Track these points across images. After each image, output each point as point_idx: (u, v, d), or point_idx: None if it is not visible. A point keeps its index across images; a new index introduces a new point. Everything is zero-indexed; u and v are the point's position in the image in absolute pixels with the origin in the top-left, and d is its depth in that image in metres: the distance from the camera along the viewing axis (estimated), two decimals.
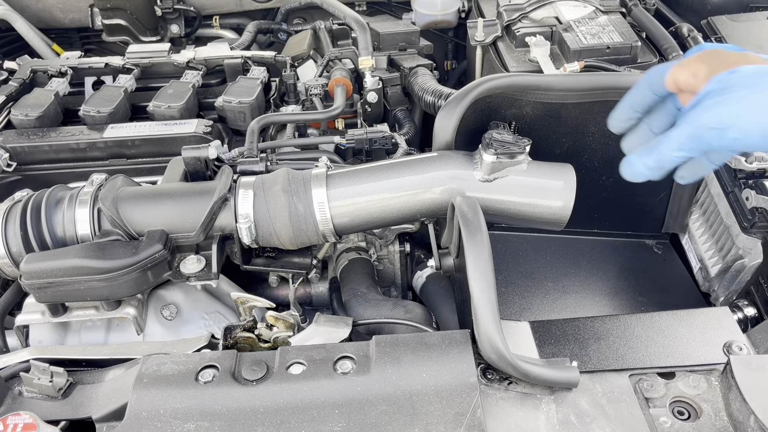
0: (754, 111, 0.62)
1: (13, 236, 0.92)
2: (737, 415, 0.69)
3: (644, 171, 0.70)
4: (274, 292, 1.19)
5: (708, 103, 0.64)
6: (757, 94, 0.63)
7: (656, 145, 0.68)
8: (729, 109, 0.63)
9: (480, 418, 0.68)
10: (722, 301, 1.11)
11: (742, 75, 0.64)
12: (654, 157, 0.68)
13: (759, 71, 0.64)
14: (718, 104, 0.64)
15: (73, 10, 1.82)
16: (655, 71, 0.74)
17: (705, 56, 0.69)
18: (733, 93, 0.63)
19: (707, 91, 0.65)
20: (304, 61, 1.57)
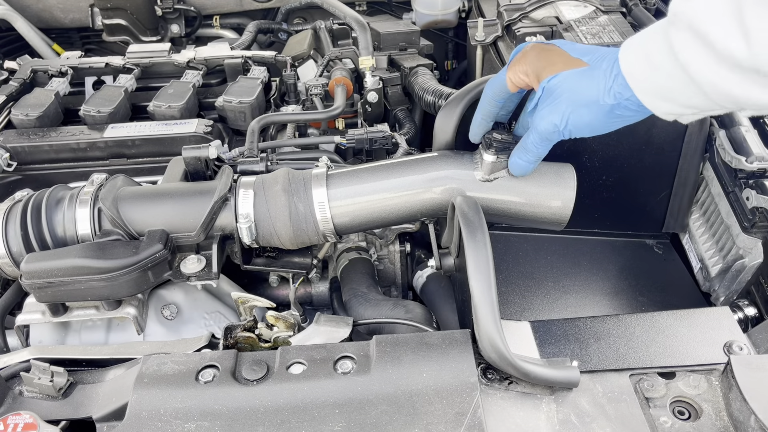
0: (575, 112, 0.77)
1: (14, 236, 0.92)
2: (738, 415, 0.69)
3: (529, 167, 0.87)
4: (275, 292, 1.19)
5: (542, 112, 0.80)
6: (574, 96, 0.77)
7: (526, 148, 0.85)
8: (557, 115, 0.78)
9: (480, 417, 0.68)
10: (723, 300, 1.11)
11: (560, 81, 0.78)
12: (529, 156, 0.85)
13: (572, 75, 0.77)
14: (548, 112, 0.79)
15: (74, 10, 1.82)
16: (492, 85, 0.88)
17: (526, 57, 0.83)
18: (556, 99, 0.78)
19: (538, 98, 0.81)
20: (304, 60, 1.57)
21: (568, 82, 0.77)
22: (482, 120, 0.91)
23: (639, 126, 1.15)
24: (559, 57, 0.80)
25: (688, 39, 0.65)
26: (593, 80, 0.76)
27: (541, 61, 0.81)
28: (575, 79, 0.77)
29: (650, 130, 1.16)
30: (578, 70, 0.78)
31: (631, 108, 0.75)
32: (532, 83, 0.83)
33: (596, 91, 0.75)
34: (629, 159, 1.19)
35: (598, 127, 0.78)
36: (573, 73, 0.78)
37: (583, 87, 0.76)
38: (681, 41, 0.66)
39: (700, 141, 1.15)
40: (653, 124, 1.15)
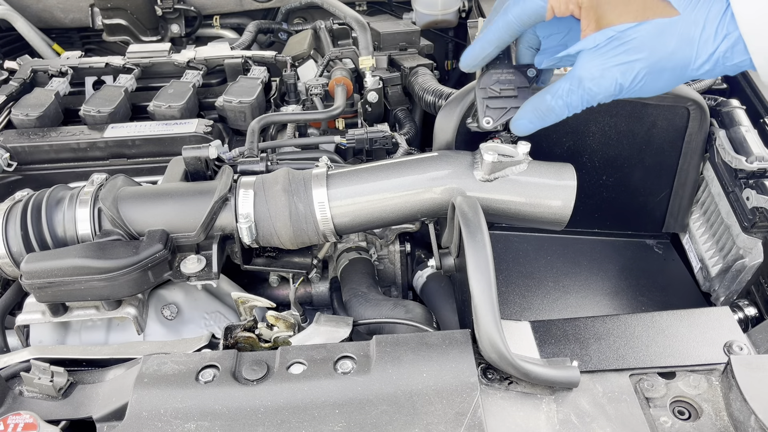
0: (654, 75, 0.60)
1: (14, 236, 0.92)
2: (738, 415, 0.69)
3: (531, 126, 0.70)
4: (275, 292, 1.19)
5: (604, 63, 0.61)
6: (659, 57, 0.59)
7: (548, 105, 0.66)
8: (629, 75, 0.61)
9: (480, 417, 0.68)
10: (723, 300, 1.11)
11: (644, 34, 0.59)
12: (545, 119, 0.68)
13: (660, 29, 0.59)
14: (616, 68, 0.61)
15: (74, 10, 1.82)
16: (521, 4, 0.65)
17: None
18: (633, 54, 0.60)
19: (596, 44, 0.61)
20: (304, 60, 1.56)
21: (654, 38, 0.58)
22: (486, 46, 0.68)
23: (639, 126, 1.15)
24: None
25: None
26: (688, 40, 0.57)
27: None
28: (665, 35, 0.58)
29: (650, 130, 1.15)
30: (667, 21, 0.58)
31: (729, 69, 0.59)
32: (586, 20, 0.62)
33: (690, 52, 0.58)
34: (629, 159, 1.19)
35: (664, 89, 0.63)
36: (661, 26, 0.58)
37: (672, 47, 0.58)
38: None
39: (700, 141, 1.15)
40: (653, 124, 1.15)
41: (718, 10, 0.57)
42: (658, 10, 0.59)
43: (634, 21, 0.59)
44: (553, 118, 0.67)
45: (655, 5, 0.59)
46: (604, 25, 0.61)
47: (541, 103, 0.66)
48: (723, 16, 0.56)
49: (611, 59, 0.61)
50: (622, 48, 0.60)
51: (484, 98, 0.68)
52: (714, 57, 0.57)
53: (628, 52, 0.60)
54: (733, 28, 0.56)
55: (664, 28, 0.59)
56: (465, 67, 0.73)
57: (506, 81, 0.70)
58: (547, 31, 0.71)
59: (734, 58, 0.57)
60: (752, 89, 1.18)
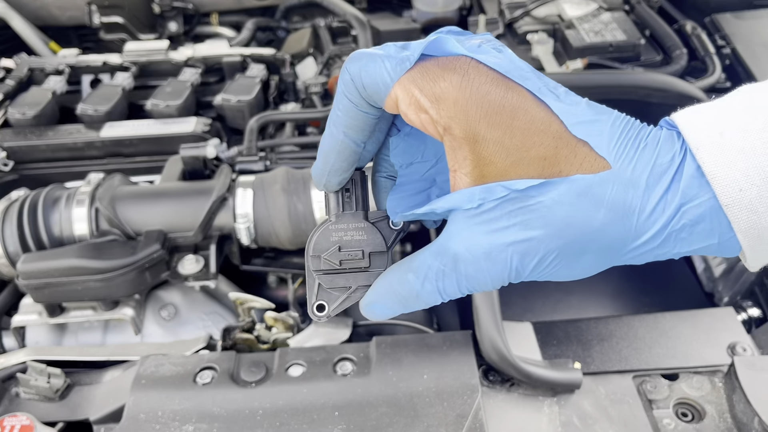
0: (570, 259, 0.39)
1: (10, 236, 0.92)
2: (741, 417, 0.69)
3: (388, 312, 0.44)
4: (274, 293, 1.18)
5: (489, 226, 0.38)
6: (579, 234, 0.37)
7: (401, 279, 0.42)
8: (532, 256, 0.38)
9: (481, 420, 0.68)
10: (726, 301, 1.10)
11: (565, 204, 0.37)
12: (406, 303, 0.43)
13: (587, 202, 0.36)
14: (514, 243, 0.37)
15: (71, 8, 1.81)
16: (352, 91, 0.39)
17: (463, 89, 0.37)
18: (541, 229, 0.37)
19: (482, 209, 0.37)
20: (303, 58, 1.55)
21: (570, 206, 0.36)
22: (329, 155, 0.42)
23: None
24: (523, 105, 0.37)
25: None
26: (627, 211, 0.36)
27: (497, 128, 0.37)
28: (587, 201, 0.36)
29: None
30: (591, 180, 0.36)
31: (695, 250, 0.37)
32: (457, 157, 0.38)
33: (631, 229, 0.36)
34: None
35: (588, 274, 0.41)
36: (581, 187, 0.36)
37: (601, 221, 0.36)
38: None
39: None
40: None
41: (671, 159, 0.36)
42: (578, 161, 0.36)
43: (539, 177, 0.36)
44: (422, 305, 0.42)
45: (573, 152, 0.37)
46: (488, 176, 0.37)
47: (402, 286, 0.41)
48: (678, 169, 0.36)
49: (502, 234, 0.37)
50: (519, 217, 0.37)
51: (317, 272, 0.44)
52: (666, 233, 0.36)
53: (529, 224, 0.37)
54: (703, 191, 0.35)
55: (587, 189, 0.36)
56: (318, 187, 0.45)
57: (353, 242, 0.44)
58: (405, 157, 0.45)
59: (699, 233, 0.36)
60: None
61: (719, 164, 0.35)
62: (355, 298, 0.45)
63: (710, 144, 0.35)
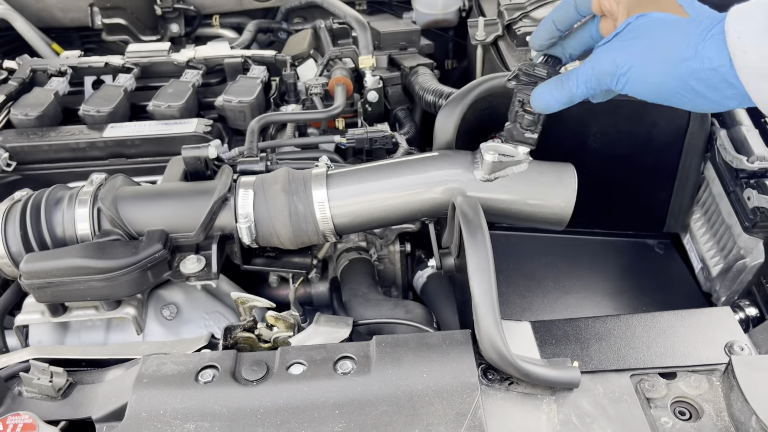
0: (646, 62, 0.65)
1: (13, 236, 0.92)
2: (739, 416, 0.69)
3: (555, 104, 0.74)
4: (275, 292, 1.19)
5: (611, 46, 0.67)
6: (654, 46, 0.64)
7: (565, 81, 0.72)
8: (625, 57, 0.66)
9: (481, 418, 0.68)
10: (724, 301, 1.11)
11: (648, 22, 0.65)
12: (563, 92, 0.72)
13: (663, 20, 0.65)
14: (618, 49, 0.67)
15: (73, 10, 1.81)
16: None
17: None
18: (634, 40, 0.66)
19: (617, 32, 0.68)
20: (304, 60, 1.56)
21: (657, 26, 0.64)
22: (552, 22, 0.77)
23: (640, 126, 1.15)
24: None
25: None
26: (685, 36, 0.62)
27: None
28: (667, 26, 0.64)
29: (651, 130, 1.15)
30: (674, 18, 0.64)
31: (716, 87, 0.61)
32: (619, 16, 0.70)
33: (684, 48, 0.61)
34: (630, 159, 1.19)
35: (655, 93, 0.66)
36: (666, 19, 0.64)
37: (670, 38, 0.63)
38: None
39: (701, 141, 1.15)
40: (654, 124, 1.15)
41: (718, 18, 0.62)
42: (673, 10, 0.65)
43: (651, 11, 0.66)
44: (568, 93, 0.72)
45: (673, 7, 0.66)
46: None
47: (559, 79, 0.73)
48: (719, 25, 0.61)
49: (618, 42, 0.66)
50: (630, 33, 0.66)
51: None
52: (701, 56, 0.61)
53: (633, 33, 0.66)
54: (719, 32, 0.60)
55: (671, 22, 0.64)
56: (534, 44, 0.81)
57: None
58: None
59: (715, 61, 0.60)
60: None
61: (737, 29, 0.59)
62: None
63: (739, 17, 0.60)
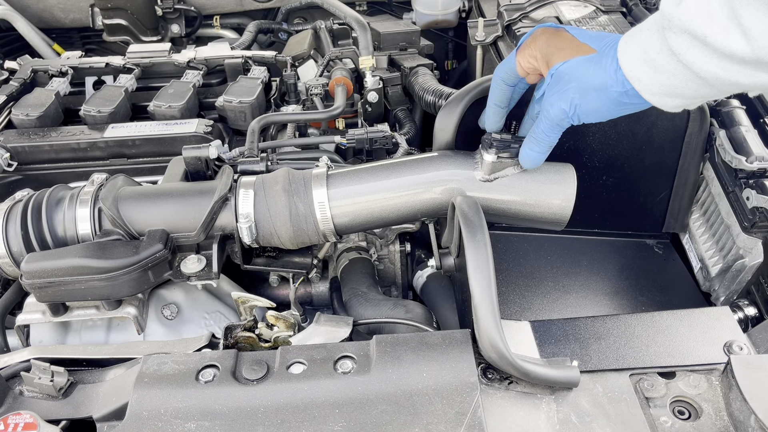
0: (583, 98, 0.78)
1: (14, 236, 0.92)
2: (738, 415, 0.69)
3: (540, 157, 0.86)
4: (275, 292, 1.19)
5: (551, 98, 0.80)
6: (583, 83, 0.77)
7: (535, 137, 0.85)
8: (565, 101, 0.79)
9: (480, 417, 0.68)
10: (723, 300, 1.11)
11: (568, 68, 0.78)
12: (541, 145, 0.85)
13: (578, 65, 0.78)
14: (558, 98, 0.79)
15: (74, 10, 1.82)
16: (503, 67, 0.88)
17: (536, 41, 0.83)
18: (565, 85, 0.79)
19: (547, 83, 0.81)
20: (304, 60, 1.57)
21: (577, 69, 0.78)
22: (495, 106, 0.91)
23: (639, 126, 1.15)
24: (568, 43, 0.80)
25: (687, 41, 0.66)
26: (601, 68, 0.76)
27: (551, 47, 0.81)
28: (584, 66, 0.77)
29: (650, 130, 1.15)
30: (586, 57, 0.78)
31: (637, 97, 0.75)
32: (540, 68, 0.83)
33: (604, 78, 0.75)
34: (629, 159, 1.19)
35: (606, 113, 0.79)
36: (581, 60, 0.78)
37: (591, 74, 0.76)
38: (680, 44, 0.67)
39: (700, 141, 1.15)
40: (653, 125, 1.15)
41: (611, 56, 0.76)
42: (582, 51, 0.78)
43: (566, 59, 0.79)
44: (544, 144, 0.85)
45: (581, 48, 0.79)
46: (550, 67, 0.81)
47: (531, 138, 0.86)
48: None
49: (554, 93, 0.80)
50: (559, 82, 0.79)
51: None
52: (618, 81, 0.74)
53: (561, 81, 0.79)
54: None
55: (586, 61, 0.77)
56: (488, 126, 0.93)
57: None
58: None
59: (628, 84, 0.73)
60: None
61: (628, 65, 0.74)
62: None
63: (625, 55, 0.75)
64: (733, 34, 0.62)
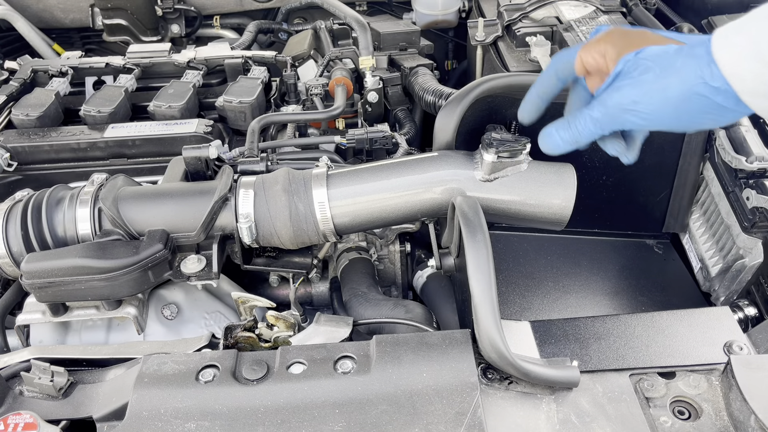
0: (659, 93, 0.64)
1: (14, 236, 0.92)
2: (738, 415, 0.69)
3: (561, 144, 0.73)
4: (275, 292, 1.19)
5: (620, 84, 0.66)
6: (662, 76, 0.64)
7: (573, 121, 0.71)
8: (639, 91, 0.65)
9: (480, 417, 0.68)
10: (723, 300, 1.11)
11: (648, 56, 0.65)
12: (571, 132, 0.71)
13: (662, 53, 0.65)
14: (629, 85, 0.66)
15: (74, 10, 1.82)
16: (560, 58, 0.75)
17: (609, 36, 0.70)
18: (642, 75, 0.65)
19: (617, 71, 0.67)
20: (304, 60, 1.57)
21: (661, 56, 0.64)
22: (537, 98, 0.77)
23: None
24: (650, 36, 0.69)
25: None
26: (693, 58, 0.62)
27: (627, 40, 0.68)
28: (670, 54, 0.64)
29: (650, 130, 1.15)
30: (675, 47, 0.65)
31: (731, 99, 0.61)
32: (606, 66, 0.69)
33: (696, 70, 0.62)
34: None
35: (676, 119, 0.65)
36: (667, 48, 0.65)
37: (679, 64, 0.63)
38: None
39: (700, 141, 1.15)
40: None
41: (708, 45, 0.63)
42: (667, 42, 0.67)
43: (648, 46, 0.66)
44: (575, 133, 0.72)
45: (665, 40, 0.67)
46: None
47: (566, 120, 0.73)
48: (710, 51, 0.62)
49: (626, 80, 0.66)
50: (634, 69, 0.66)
51: None
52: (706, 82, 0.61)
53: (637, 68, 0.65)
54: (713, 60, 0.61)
55: (674, 50, 0.64)
56: (525, 119, 0.80)
57: None
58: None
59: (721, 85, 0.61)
60: None
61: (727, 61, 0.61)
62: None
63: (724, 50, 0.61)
64: None
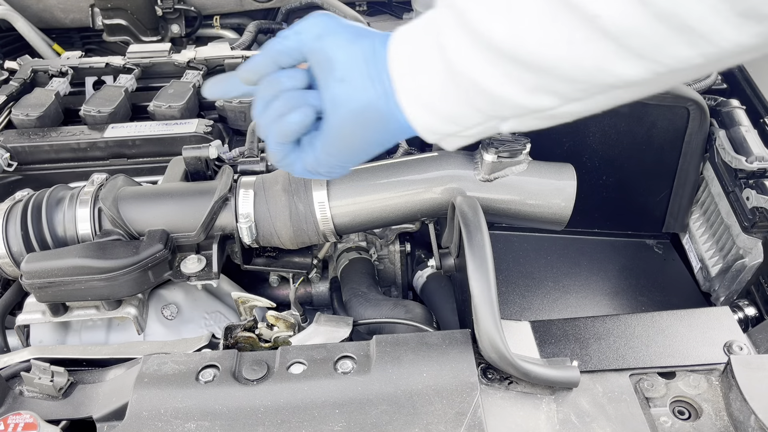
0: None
1: (14, 236, 0.92)
2: (738, 415, 0.69)
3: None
4: (275, 292, 1.19)
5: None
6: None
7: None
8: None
9: (480, 417, 0.68)
10: (723, 300, 1.11)
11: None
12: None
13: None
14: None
15: (74, 10, 1.82)
16: (283, 47, 0.69)
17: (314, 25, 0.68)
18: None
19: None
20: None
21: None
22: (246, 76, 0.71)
23: (639, 126, 1.15)
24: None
25: (450, 20, 0.52)
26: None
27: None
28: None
29: (650, 130, 1.16)
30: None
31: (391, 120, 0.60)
32: None
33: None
34: (629, 159, 1.19)
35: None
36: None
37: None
38: (444, 24, 0.53)
39: (700, 141, 1.15)
40: (653, 124, 1.15)
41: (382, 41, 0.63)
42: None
43: None
44: None
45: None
46: None
47: None
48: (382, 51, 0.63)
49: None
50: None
51: None
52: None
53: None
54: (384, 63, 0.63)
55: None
56: (210, 95, 0.79)
57: None
58: None
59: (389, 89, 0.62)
60: (752, 89, 1.18)
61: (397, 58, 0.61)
62: None
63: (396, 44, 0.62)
64: (497, 11, 0.46)
